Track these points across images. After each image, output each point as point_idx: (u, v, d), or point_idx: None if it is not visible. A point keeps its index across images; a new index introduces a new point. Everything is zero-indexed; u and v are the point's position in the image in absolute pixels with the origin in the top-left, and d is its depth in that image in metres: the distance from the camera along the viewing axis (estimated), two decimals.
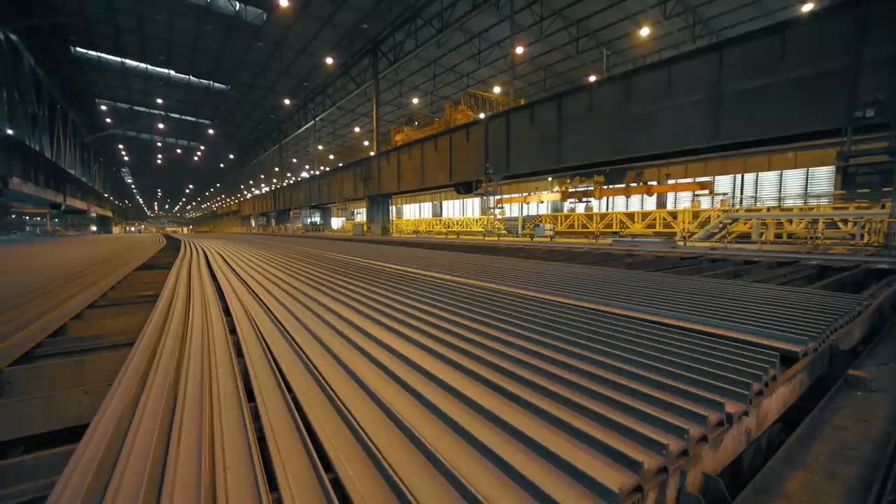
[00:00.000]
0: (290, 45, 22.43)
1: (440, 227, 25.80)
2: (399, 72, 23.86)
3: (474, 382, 1.39)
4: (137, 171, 60.62)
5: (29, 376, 1.76)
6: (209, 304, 2.66)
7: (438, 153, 16.42)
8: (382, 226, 21.43)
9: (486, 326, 2.04)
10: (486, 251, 8.25)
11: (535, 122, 12.41)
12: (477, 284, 3.41)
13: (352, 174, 23.19)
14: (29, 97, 19.53)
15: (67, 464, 0.93)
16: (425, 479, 0.90)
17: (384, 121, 32.06)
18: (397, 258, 5.77)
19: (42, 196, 18.56)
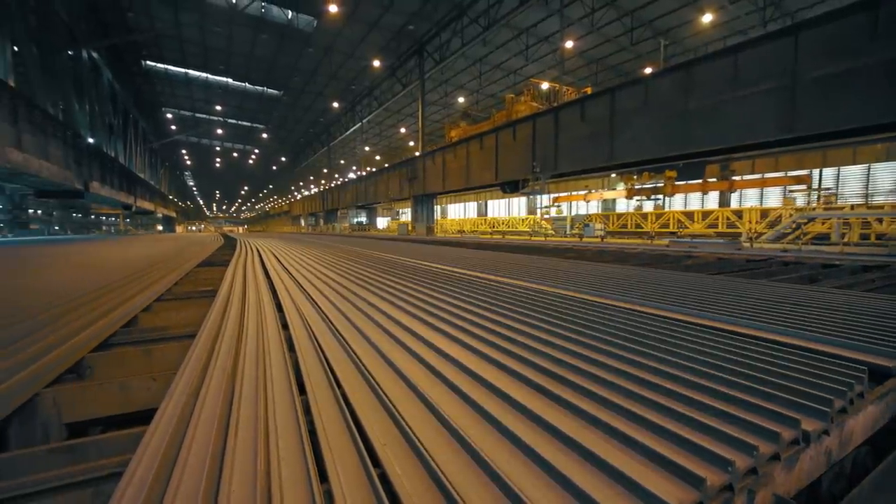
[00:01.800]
0: (339, 49, 23.28)
1: (485, 227, 25.70)
2: (445, 71, 24.04)
3: (517, 382, 1.39)
4: (198, 174, 65.45)
5: (106, 362, 1.94)
6: (263, 301, 2.81)
7: (484, 152, 16.36)
8: (427, 225, 21.69)
9: (530, 327, 2.00)
10: (533, 251, 8.11)
11: (586, 118, 12.03)
12: (522, 285, 3.36)
13: (397, 174, 23.67)
14: (106, 108, 21.75)
15: (140, 444, 1.01)
16: (471, 478, 0.90)
17: (430, 120, 32.48)
18: (442, 258, 5.81)
19: (116, 198, 20.51)
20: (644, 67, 21.04)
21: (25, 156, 10.48)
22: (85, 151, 15.52)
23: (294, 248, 8.38)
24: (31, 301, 2.83)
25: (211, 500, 0.83)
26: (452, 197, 35.72)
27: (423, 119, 22.66)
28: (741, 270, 5.12)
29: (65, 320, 2.30)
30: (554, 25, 18.37)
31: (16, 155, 10.00)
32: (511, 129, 14.93)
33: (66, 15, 16.15)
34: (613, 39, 20.51)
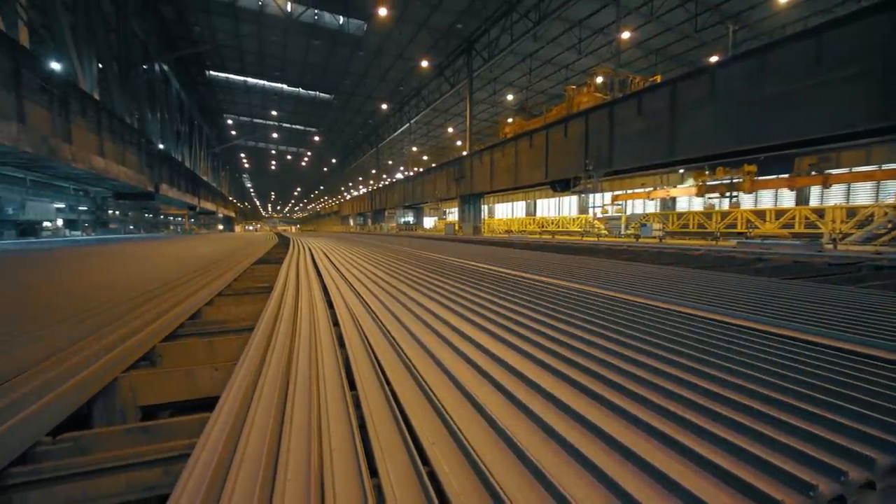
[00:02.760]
0: (388, 51, 23.84)
1: (533, 227, 25.26)
2: (493, 69, 23.92)
3: (570, 388, 1.34)
4: (255, 176, 69.68)
5: (174, 352, 2.11)
6: (315, 298, 2.94)
7: (534, 150, 16.09)
8: (474, 225, 21.69)
9: (574, 327, 1.94)
10: (584, 252, 7.86)
11: (643, 112, 11.50)
12: (568, 286, 3.26)
13: (444, 174, 23.86)
14: (174, 116, 23.79)
15: (204, 429, 1.08)
16: (516, 477, 0.91)
17: (478, 119, 32.44)
18: (488, 258, 5.78)
19: (183, 199, 22.29)
20: (709, 56, 19.73)
21: (107, 161, 11.66)
22: (156, 156, 17.02)
23: (343, 247, 8.68)
24: (112, 293, 3.14)
25: (268, 485, 0.87)
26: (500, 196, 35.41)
27: (470, 118, 22.67)
28: (823, 275, 4.66)
29: (139, 311, 2.53)
30: (609, 16, 17.71)
31: (99, 161, 11.16)
32: (562, 126, 14.59)
33: (141, 32, 17.82)
34: (675, 27, 19.43)
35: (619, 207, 20.68)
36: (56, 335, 1.97)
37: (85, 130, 10.53)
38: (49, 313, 2.43)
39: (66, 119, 9.50)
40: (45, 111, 8.66)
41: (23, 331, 2.04)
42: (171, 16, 20.64)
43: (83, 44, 12.29)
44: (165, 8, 19.89)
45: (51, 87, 8.90)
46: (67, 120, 9.56)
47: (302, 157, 55.16)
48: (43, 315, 2.38)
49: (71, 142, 9.63)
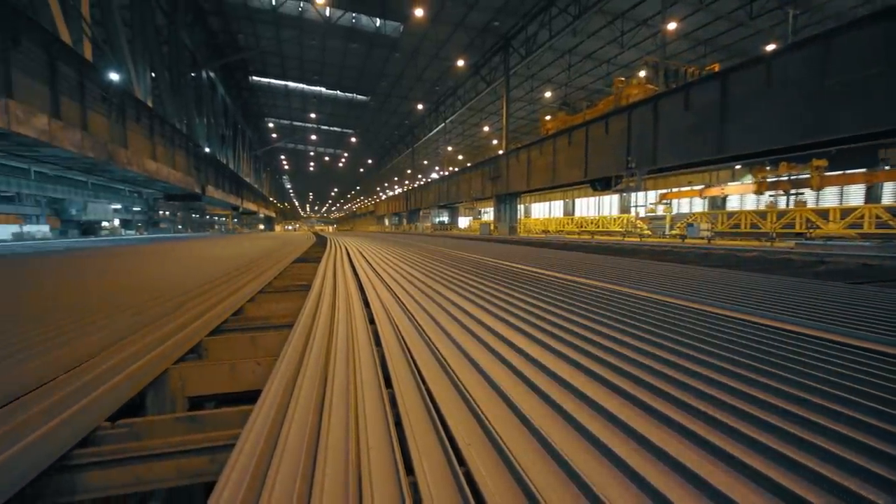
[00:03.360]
0: (424, 51, 24.10)
1: (572, 227, 24.72)
2: (531, 66, 23.65)
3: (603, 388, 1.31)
4: (294, 177, 72.32)
5: (219, 346, 2.22)
6: (351, 296, 3.00)
7: (572, 148, 15.77)
8: (510, 225, 21.51)
9: (610, 329, 1.87)
10: (624, 253, 7.61)
11: (691, 106, 11.00)
12: (605, 287, 3.16)
13: (480, 174, 23.82)
14: (220, 120, 25.10)
15: (247, 421, 1.13)
16: (551, 479, 0.90)
17: (515, 117, 32.18)
18: (524, 258, 5.71)
19: (226, 200, 23.44)
20: (765, 44, 18.62)
21: (158, 165, 12.44)
22: (202, 159, 17.99)
23: (379, 247, 8.84)
24: (163, 289, 3.34)
25: (308, 478, 0.89)
26: (537, 196, 34.92)
27: (507, 116, 22.52)
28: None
29: (187, 307, 2.67)
30: (654, 6, 17.06)
31: (151, 164, 11.92)
32: (603, 123, 14.21)
33: (191, 42, 18.93)
34: (726, 16, 18.48)
35: (666, 206, 19.85)
36: (113, 327, 2.12)
37: (139, 136, 11.29)
38: (107, 306, 2.62)
39: (122, 126, 10.21)
40: (104, 119, 9.35)
41: (84, 322, 2.21)
42: (217, 26, 21.82)
43: (139, 55, 13.21)
44: (213, 19, 21.07)
45: (110, 96, 9.61)
46: (124, 126, 10.28)
47: (339, 159, 56.68)
48: (102, 308, 2.57)
49: (127, 147, 10.35)
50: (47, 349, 1.75)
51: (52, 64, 7.46)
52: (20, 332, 1.98)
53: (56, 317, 2.33)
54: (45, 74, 7.31)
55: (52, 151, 7.83)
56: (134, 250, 8.70)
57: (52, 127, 7.16)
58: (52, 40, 7.64)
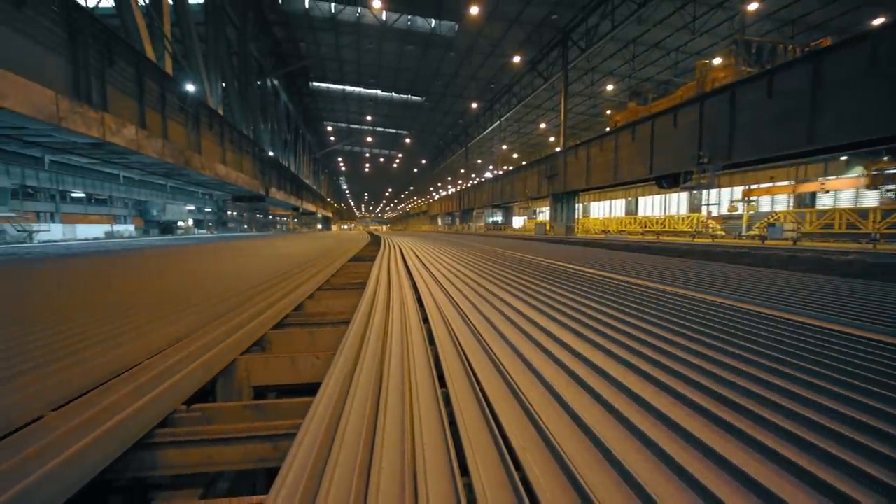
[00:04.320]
0: (479, 49, 24.10)
1: (634, 227, 23.57)
2: (591, 59, 22.86)
3: (673, 399, 1.22)
4: (350, 178, 75.21)
5: (281, 339, 2.35)
6: (405, 294, 3.06)
7: (636, 143, 15.02)
8: (567, 225, 20.91)
9: (670, 333, 1.75)
10: (694, 255, 7.12)
11: (775, 94, 10.08)
12: (670, 291, 2.96)
13: (535, 172, 23.39)
14: (283, 126, 26.76)
15: (308, 412, 1.18)
16: (608, 484, 0.89)
17: (573, 113, 31.30)
18: (581, 259, 5.52)
19: (288, 201, 24.87)
20: (868, 20, 16.66)
21: (227, 169, 13.45)
22: (266, 163, 19.22)
23: (432, 246, 8.95)
24: (232, 284, 3.60)
25: (365, 471, 0.92)
26: (596, 194, 33.67)
27: (565, 112, 21.92)
28: None
29: (253, 302, 2.86)
30: None
31: (221, 168, 12.91)
32: (671, 115, 13.41)
33: (257, 53, 20.31)
34: None
35: (751, 204, 18.30)
36: (188, 319, 2.32)
37: (211, 142, 12.28)
38: (182, 300, 2.87)
39: (197, 133, 11.16)
40: (182, 127, 10.27)
41: (163, 314, 2.43)
42: (282, 35, 23.24)
43: (212, 67, 14.40)
44: (277, 29, 22.48)
45: (186, 106, 10.54)
46: (198, 133, 11.23)
47: (393, 159, 58.16)
48: (179, 301, 2.82)
49: (201, 152, 11.29)
50: (136, 336, 1.95)
51: (139, 79, 8.32)
52: (116, 321, 2.23)
53: (143, 308, 2.59)
54: (133, 89, 8.17)
55: (138, 158, 8.72)
56: (205, 248, 9.48)
57: (138, 136, 7.98)
58: (140, 58, 8.52)
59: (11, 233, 18.08)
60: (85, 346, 1.80)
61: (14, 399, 1.26)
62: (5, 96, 4.99)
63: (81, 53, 6.63)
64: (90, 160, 9.81)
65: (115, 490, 1.28)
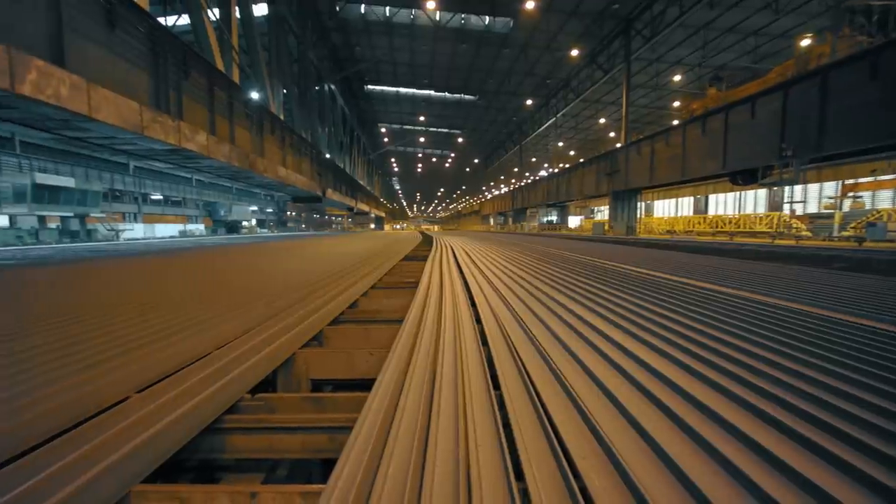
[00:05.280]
0: (535, 44, 23.75)
1: (704, 227, 22.11)
2: (656, 48, 21.77)
3: (739, 408, 1.13)
4: (403, 179, 76.92)
5: (336, 335, 2.45)
6: (457, 294, 3.08)
7: (707, 136, 14.09)
8: (627, 225, 20.03)
9: (740, 339, 1.60)
10: (776, 258, 6.54)
11: (880, 74, 9.04)
12: (743, 296, 2.73)
13: (593, 169, 22.63)
14: (339, 129, 27.96)
15: (363, 407, 1.22)
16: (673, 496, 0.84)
17: (635, 106, 29.97)
18: (642, 261, 5.26)
19: (343, 202, 25.89)
20: None
21: (287, 171, 14.22)
22: (323, 165, 20.12)
23: (484, 246, 8.92)
24: (291, 281, 3.81)
25: (419, 468, 0.93)
26: (660, 192, 31.97)
27: (626, 105, 21.03)
28: None
29: (310, 298, 3.00)
30: None
31: (282, 171, 13.67)
32: (748, 105, 12.43)
33: (316, 59, 21.33)
34: None
35: (857, 201, 16.53)
36: (251, 313, 2.48)
37: (273, 146, 13.05)
38: (247, 295, 3.07)
39: (260, 137, 11.90)
40: (246, 132, 11.00)
41: (230, 307, 2.62)
42: (338, 41, 24.26)
43: (274, 75, 15.32)
44: (335, 35, 23.51)
45: (251, 112, 11.28)
46: (261, 138, 11.97)
47: (446, 159, 58.73)
48: (244, 295, 3.02)
49: (263, 156, 12.03)
50: (208, 328, 2.12)
51: (210, 89, 9.03)
52: (191, 313, 2.43)
53: (214, 301, 2.81)
54: (205, 98, 8.88)
55: (208, 162, 9.45)
56: (266, 246, 10.09)
57: (209, 142, 8.65)
58: (212, 70, 9.25)
59: (102, 232, 20.30)
60: (165, 335, 1.99)
61: (106, 381, 1.42)
62: (98, 109, 5.61)
63: (161, 67, 7.30)
64: (167, 165, 10.79)
65: (186, 469, 1.39)
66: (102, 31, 6.01)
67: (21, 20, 4.83)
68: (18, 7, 4.80)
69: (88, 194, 18.66)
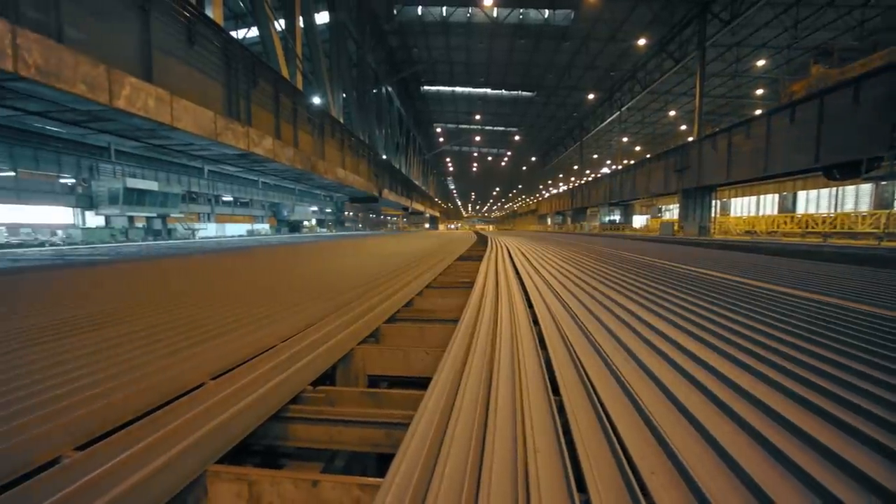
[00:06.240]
0: (597, 35, 23.00)
1: (791, 227, 20.20)
2: (737, 31, 20.22)
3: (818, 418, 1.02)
4: (458, 178, 77.38)
5: (393, 333, 2.51)
6: (514, 296, 3.05)
7: (796, 126, 12.84)
8: (700, 224, 18.76)
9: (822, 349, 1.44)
10: (881, 262, 5.85)
11: None
12: (834, 303, 2.45)
13: (661, 165, 21.45)
14: (395, 130, 28.74)
15: (419, 406, 1.24)
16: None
17: (710, 96, 28.03)
18: (715, 263, 4.90)
19: (399, 202, 26.52)
20: None
21: (346, 172, 14.80)
22: (380, 165, 20.74)
23: (541, 247, 8.76)
24: (349, 279, 3.97)
25: (476, 470, 0.93)
26: (738, 189, 29.66)
27: (700, 96, 19.71)
28: None
29: (368, 296, 3.11)
30: None
31: (341, 172, 14.26)
32: (851, 89, 11.17)
33: (374, 62, 22.05)
34: None
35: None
36: (313, 309, 2.61)
37: (333, 148, 13.65)
38: (308, 292, 3.24)
39: (321, 140, 12.49)
40: (308, 136, 11.59)
41: (294, 303, 2.78)
42: (395, 43, 24.93)
43: (335, 80, 16.01)
44: (392, 38, 24.20)
45: (313, 117, 11.86)
46: (322, 141, 12.56)
47: (501, 158, 58.33)
48: (306, 292, 3.19)
49: (324, 158, 12.62)
50: (275, 321, 2.27)
51: (276, 96, 9.62)
52: (261, 307, 2.61)
53: (280, 297, 2.99)
54: (271, 105, 9.47)
55: (274, 165, 10.07)
56: (326, 245, 10.56)
57: (274, 146, 9.21)
58: (278, 78, 9.86)
59: (180, 231, 22.37)
60: (236, 326, 2.17)
61: (186, 366, 1.57)
62: (179, 119, 6.17)
63: (233, 78, 7.89)
64: (236, 168, 11.64)
65: (251, 453, 1.50)
66: (183, 47, 6.60)
67: (119, 43, 5.44)
68: (116, 32, 5.40)
69: (169, 196, 20.69)
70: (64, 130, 6.68)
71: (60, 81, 4.42)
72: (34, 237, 17.32)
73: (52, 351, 1.76)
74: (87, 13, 4.97)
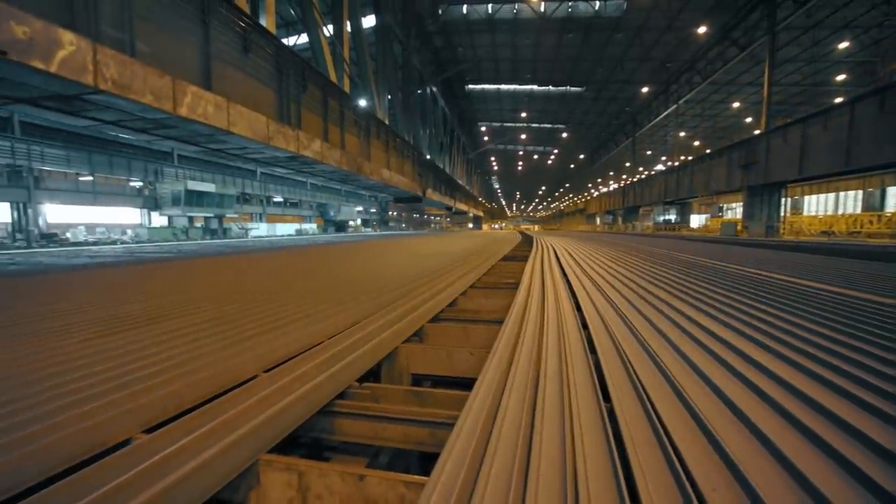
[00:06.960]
0: (652, 25, 22.13)
1: (878, 227, 18.46)
2: (813, 12, 18.72)
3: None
4: (502, 177, 76.87)
5: (436, 333, 2.53)
6: (561, 298, 2.98)
7: (886, 114, 11.69)
8: (767, 224, 17.55)
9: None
10: None
11: None
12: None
13: (723, 161, 20.26)
14: (439, 130, 28.96)
15: (464, 406, 1.24)
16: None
17: (781, 85, 26.12)
18: (782, 266, 4.55)
19: (442, 202, 26.72)
20: None
21: (391, 173, 15.09)
22: (424, 165, 20.99)
23: (590, 247, 8.52)
24: (394, 278, 4.04)
25: (523, 472, 0.92)
26: (813, 186, 27.49)
27: (769, 85, 18.41)
28: None
29: (411, 296, 3.15)
30: None
31: (386, 173, 14.55)
32: None
33: (419, 63, 22.36)
34: None
35: None
36: (359, 307, 2.68)
37: (378, 150, 13.96)
38: (355, 290, 3.33)
39: (367, 142, 12.81)
40: (355, 138, 11.92)
41: (340, 301, 2.86)
42: (440, 43, 25.14)
43: (380, 82, 16.38)
44: (437, 38, 24.44)
45: (359, 119, 12.20)
46: (368, 143, 12.88)
47: (548, 156, 57.33)
48: (351, 290, 3.29)
49: (370, 159, 12.93)
50: (323, 318, 2.36)
51: (324, 100, 9.97)
52: (309, 305, 2.72)
53: (327, 294, 3.10)
54: (319, 109, 9.83)
55: (321, 167, 10.44)
56: (371, 244, 10.83)
57: (322, 148, 9.56)
58: (326, 82, 10.22)
59: (235, 230, 23.76)
60: (287, 321, 2.29)
61: (240, 360, 1.66)
62: (235, 124, 6.54)
63: (284, 83, 8.26)
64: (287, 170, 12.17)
65: (299, 445, 1.56)
66: (239, 56, 7.00)
67: (182, 55, 5.86)
68: (180, 44, 5.82)
69: (225, 197, 22.07)
70: (133, 137, 7.30)
71: (132, 93, 4.82)
72: (108, 235, 19.03)
73: (123, 340, 1.92)
74: (154, 28, 5.38)
